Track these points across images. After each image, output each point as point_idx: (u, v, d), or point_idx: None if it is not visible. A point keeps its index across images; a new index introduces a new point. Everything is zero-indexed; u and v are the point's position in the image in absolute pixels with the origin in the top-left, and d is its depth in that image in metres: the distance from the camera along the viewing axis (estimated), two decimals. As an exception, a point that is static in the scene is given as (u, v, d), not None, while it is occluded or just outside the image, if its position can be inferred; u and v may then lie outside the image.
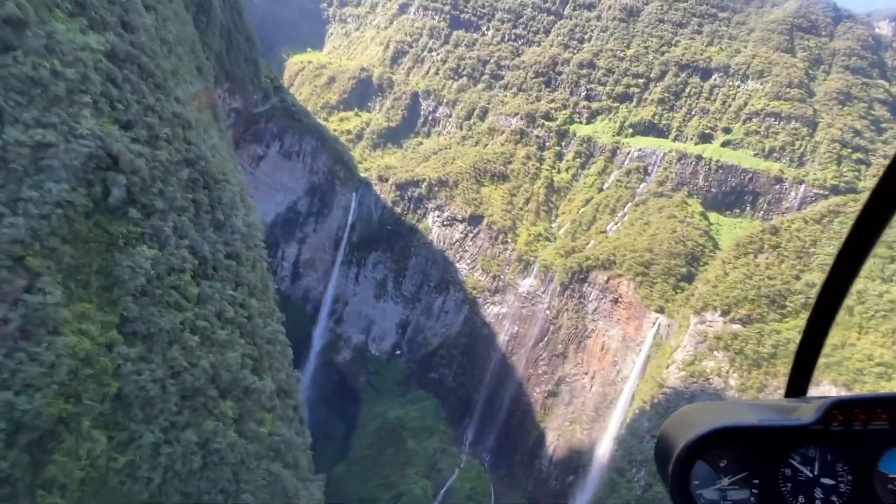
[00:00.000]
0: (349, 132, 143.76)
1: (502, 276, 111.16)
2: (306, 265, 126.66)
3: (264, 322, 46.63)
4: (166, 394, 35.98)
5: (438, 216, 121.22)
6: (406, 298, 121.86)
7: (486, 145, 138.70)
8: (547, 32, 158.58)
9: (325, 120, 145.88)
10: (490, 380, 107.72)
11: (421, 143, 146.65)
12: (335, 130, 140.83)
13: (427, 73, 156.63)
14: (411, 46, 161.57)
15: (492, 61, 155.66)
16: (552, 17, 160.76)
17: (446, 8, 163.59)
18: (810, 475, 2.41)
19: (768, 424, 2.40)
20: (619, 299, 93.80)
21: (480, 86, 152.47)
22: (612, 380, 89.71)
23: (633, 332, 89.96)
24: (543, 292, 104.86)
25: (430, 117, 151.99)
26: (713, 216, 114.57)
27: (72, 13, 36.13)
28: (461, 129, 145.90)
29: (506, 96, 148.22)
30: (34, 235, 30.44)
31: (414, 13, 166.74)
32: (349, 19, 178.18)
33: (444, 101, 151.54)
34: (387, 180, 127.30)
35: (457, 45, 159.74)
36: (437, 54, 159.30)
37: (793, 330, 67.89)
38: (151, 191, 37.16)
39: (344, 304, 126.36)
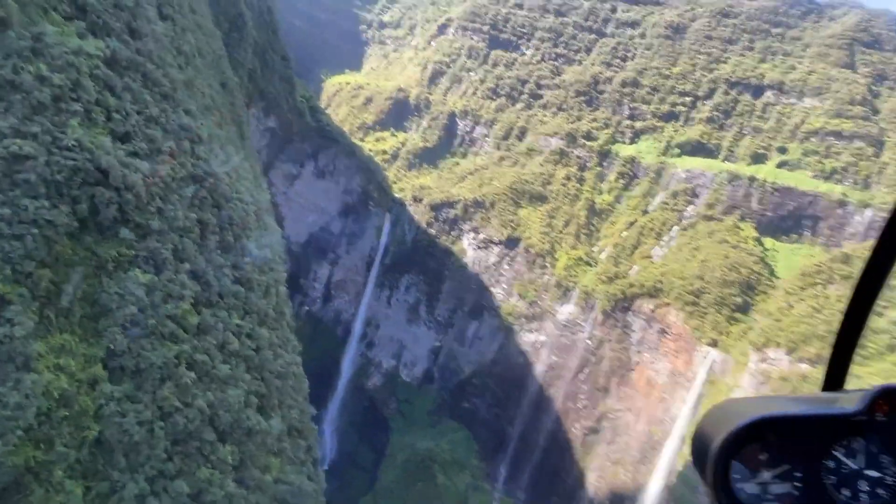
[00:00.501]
0: (385, 152, 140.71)
1: (540, 303, 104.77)
2: (338, 287, 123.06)
3: (275, 354, 42.03)
4: (154, 438, 31.46)
5: (474, 238, 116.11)
6: (439, 323, 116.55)
7: (524, 165, 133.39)
8: (588, 51, 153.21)
9: (361, 140, 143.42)
10: (526, 412, 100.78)
11: (457, 164, 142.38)
12: (370, 151, 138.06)
13: (465, 92, 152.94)
14: (449, 66, 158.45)
15: (531, 80, 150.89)
16: (594, 36, 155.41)
17: (485, 28, 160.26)
18: (855, 467, 2.30)
19: (811, 414, 2.29)
20: (667, 330, 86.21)
21: (519, 105, 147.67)
22: (659, 418, 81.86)
23: (682, 366, 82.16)
24: (584, 320, 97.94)
25: (466, 137, 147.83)
26: (769, 241, 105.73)
27: (70, 16, 32.97)
28: (498, 149, 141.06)
29: (545, 116, 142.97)
30: (4, 258, 26.58)
31: (453, 34, 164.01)
32: (388, 41, 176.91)
33: (482, 120, 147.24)
34: (421, 201, 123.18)
35: (495, 65, 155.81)
36: (476, 74, 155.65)
37: (876, 375, 59.62)
38: (148, 209, 33.25)
39: (375, 328, 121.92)
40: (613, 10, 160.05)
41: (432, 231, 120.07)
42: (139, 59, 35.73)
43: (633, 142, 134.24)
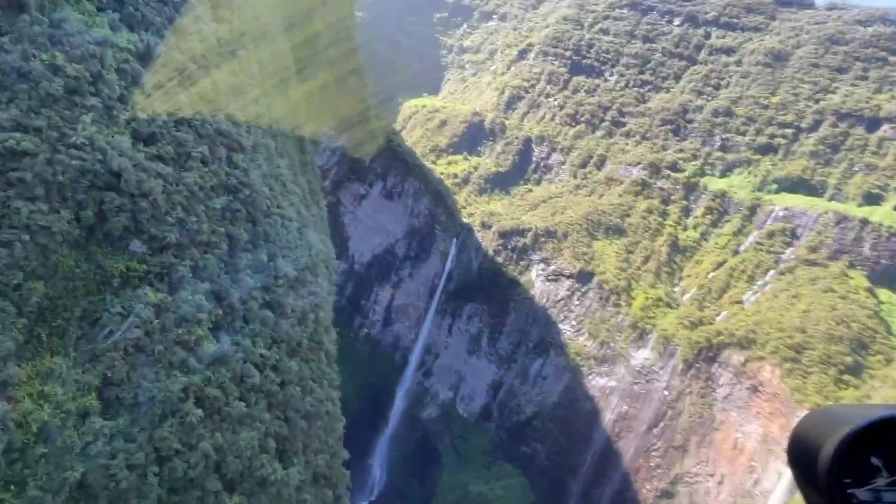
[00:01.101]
0: (456, 176, 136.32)
1: (612, 344, 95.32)
2: (399, 311, 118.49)
3: (304, 390, 36.87)
4: (146, 485, 26.69)
5: (543, 270, 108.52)
6: (501, 357, 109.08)
7: (601, 195, 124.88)
8: (678, 78, 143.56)
9: (433, 163, 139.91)
10: (590, 464, 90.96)
11: (530, 191, 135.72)
12: (442, 174, 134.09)
13: (542, 118, 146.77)
14: (528, 92, 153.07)
15: (613, 108, 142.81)
16: (684, 63, 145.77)
17: (567, 53, 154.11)
18: None
19: None
20: (760, 388, 74.81)
21: (599, 133, 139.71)
22: (746, 490, 70.36)
23: (777, 431, 70.53)
24: (661, 368, 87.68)
25: (541, 164, 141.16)
26: (884, 293, 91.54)
27: (104, 7, 30.06)
28: (575, 177, 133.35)
29: (627, 144, 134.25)
30: (-14, 267, 22.87)
31: (533, 59, 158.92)
32: (467, 66, 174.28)
33: (559, 147, 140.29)
34: (490, 227, 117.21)
35: (576, 91, 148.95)
36: (555, 100, 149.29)
37: None
38: (166, 220, 29.20)
39: (434, 357, 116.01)
40: (707, 37, 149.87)
41: (500, 259, 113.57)
42: (178, 57, 32.45)
43: (724, 175, 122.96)
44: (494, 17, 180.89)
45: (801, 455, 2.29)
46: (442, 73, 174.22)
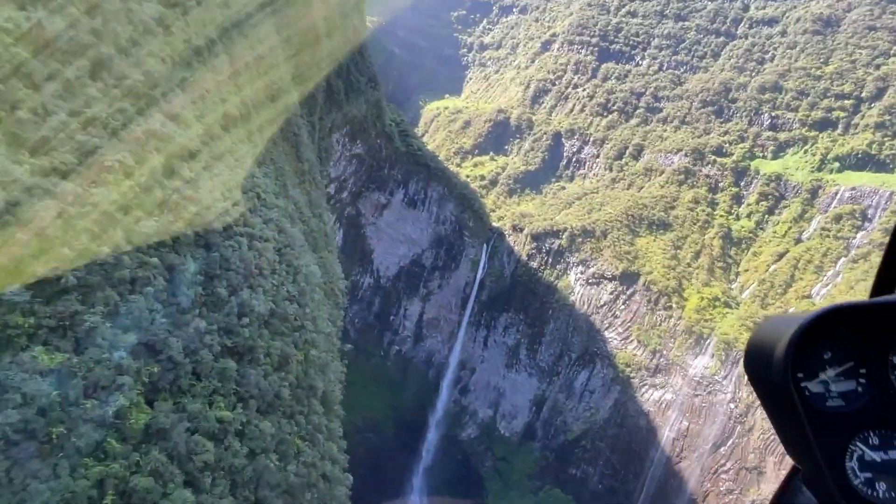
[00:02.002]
0: (483, 178, 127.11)
1: (665, 352, 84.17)
2: (430, 325, 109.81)
3: (285, 456, 28.42)
4: None
5: (582, 273, 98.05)
6: (542, 370, 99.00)
7: (641, 188, 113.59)
8: (716, 56, 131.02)
9: (458, 166, 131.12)
10: (649, 489, 79.88)
11: (563, 188, 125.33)
12: (468, 176, 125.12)
13: (571, 110, 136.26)
14: (554, 84, 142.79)
15: (647, 93, 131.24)
16: (722, 39, 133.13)
17: (594, 40, 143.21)
18: None
19: (883, 301, 2.19)
20: (848, 399, 62.85)
21: (634, 121, 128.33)
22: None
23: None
24: (724, 377, 76.17)
25: (573, 158, 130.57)
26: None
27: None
28: (611, 170, 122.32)
29: (665, 131, 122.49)
30: None
31: (558, 49, 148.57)
32: (489, 63, 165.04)
33: (591, 139, 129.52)
34: (522, 230, 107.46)
35: (606, 79, 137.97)
36: (584, 90, 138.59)
37: None
38: (63, 253, 21.24)
39: (471, 372, 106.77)
40: (745, 9, 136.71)
41: (534, 264, 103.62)
42: (87, 41, 24.73)
43: (777, 156, 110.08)
44: (514, 10, 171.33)
45: (755, 359, 2.27)
46: (463, 72, 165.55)
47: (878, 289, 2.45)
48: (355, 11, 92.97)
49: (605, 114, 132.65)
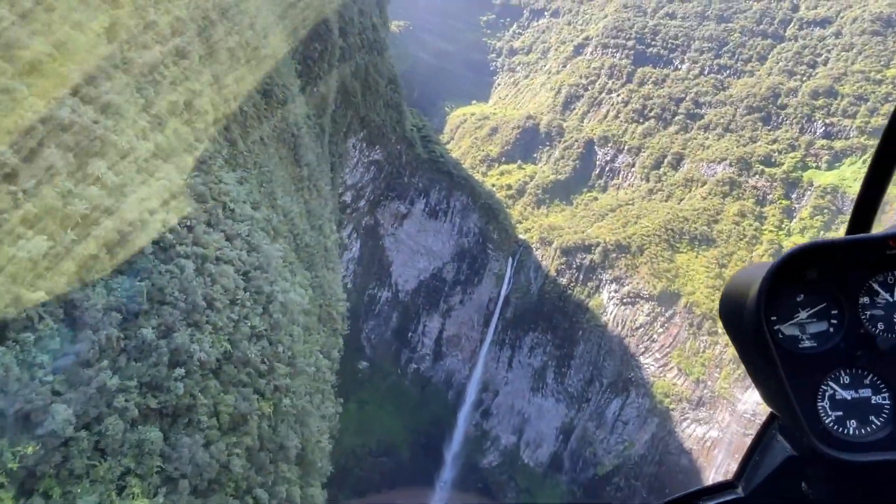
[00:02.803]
0: (509, 187, 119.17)
1: (710, 383, 74.64)
2: (450, 343, 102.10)
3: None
4: None
5: (616, 291, 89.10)
6: (570, 396, 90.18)
7: (681, 200, 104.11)
8: (762, 59, 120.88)
9: (484, 174, 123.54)
10: (691, 537, 70.46)
11: (595, 199, 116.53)
12: (493, 186, 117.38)
13: (605, 116, 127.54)
14: (586, 89, 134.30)
15: (688, 98, 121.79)
16: (769, 41, 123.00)
17: (629, 43, 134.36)
18: (891, 300, 2.27)
19: (852, 239, 2.19)
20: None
21: (672, 128, 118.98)
22: None
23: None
24: (779, 415, 66.46)
25: (607, 167, 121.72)
26: None
27: None
28: (647, 180, 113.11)
29: (707, 139, 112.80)
30: None
31: (591, 53, 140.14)
32: (518, 68, 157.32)
33: (626, 147, 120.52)
34: (551, 244, 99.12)
35: (642, 84, 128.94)
36: (618, 95, 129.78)
37: None
38: None
39: (493, 395, 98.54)
40: (794, 9, 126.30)
41: (563, 280, 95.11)
42: None
43: (832, 167, 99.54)
44: (546, 13, 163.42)
45: (730, 304, 2.27)
46: (491, 77, 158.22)
47: (852, 229, 2.36)
48: (374, 9, 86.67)
49: (641, 120, 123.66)
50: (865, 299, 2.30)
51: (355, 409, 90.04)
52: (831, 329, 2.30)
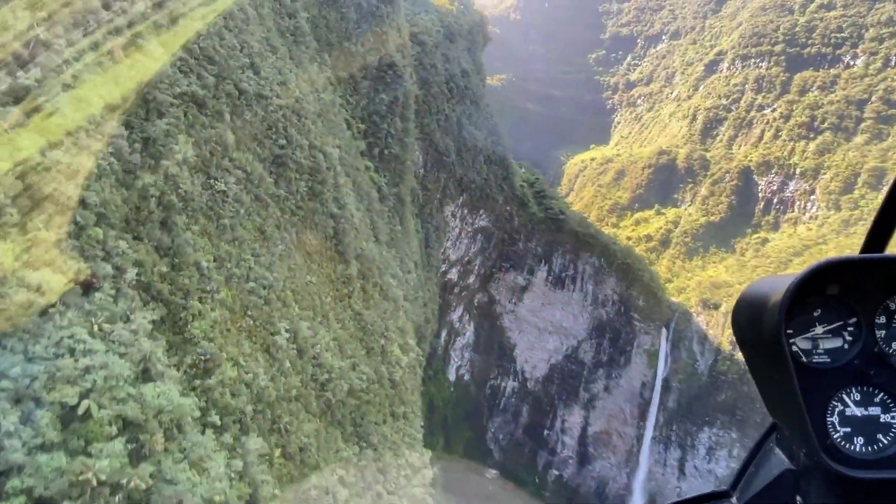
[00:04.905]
0: (649, 238, 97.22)
1: None
2: (598, 442, 79.93)
3: None
4: None
5: (829, 368, 62.79)
6: (780, 520, 63.42)
7: (899, 229, 75.43)
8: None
9: (616, 227, 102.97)
10: None
11: (765, 241, 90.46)
12: (629, 239, 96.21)
13: (760, 138, 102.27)
14: (729, 110, 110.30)
15: (874, 98, 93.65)
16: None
17: (777, 48, 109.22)
18: None
19: (873, 257, 2.21)
20: None
21: (860, 138, 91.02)
22: None
23: None
24: None
25: (774, 199, 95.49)
26: None
27: None
28: (838, 208, 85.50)
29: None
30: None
31: (727, 69, 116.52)
32: (639, 101, 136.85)
33: (797, 171, 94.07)
34: (717, 306, 75.26)
35: (804, 91, 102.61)
36: (773, 110, 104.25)
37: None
38: None
39: (664, 511, 73.97)
40: None
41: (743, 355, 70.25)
42: None
43: None
44: (664, 37, 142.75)
45: (745, 314, 2.24)
46: (609, 117, 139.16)
47: (867, 248, 2.34)
48: (463, 53, 73.36)
49: (811, 135, 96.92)
50: (882, 318, 2.27)
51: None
52: (846, 346, 2.25)
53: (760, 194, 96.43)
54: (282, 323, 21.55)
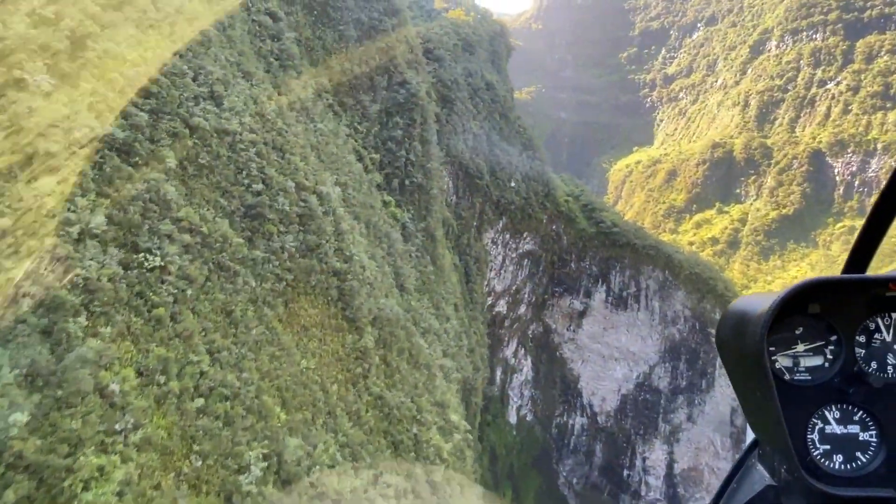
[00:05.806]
0: (715, 241, 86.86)
1: None
2: (688, 481, 69.34)
3: None
4: None
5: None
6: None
7: None
8: None
9: (674, 232, 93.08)
10: None
11: (852, 229, 78.74)
12: (691, 244, 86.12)
13: (828, 116, 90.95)
14: (786, 90, 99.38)
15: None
16: None
17: (831, 17, 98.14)
18: (886, 340, 2.27)
19: (859, 278, 2.21)
20: None
21: (951, 101, 78.86)
22: None
23: None
24: None
25: (855, 181, 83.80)
26: None
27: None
28: (938, 183, 73.13)
29: None
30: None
31: (777, 47, 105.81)
32: (681, 94, 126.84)
33: (878, 146, 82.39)
34: (810, 312, 64.50)
35: (871, 58, 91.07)
36: (838, 83, 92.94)
37: None
38: None
39: (778, 557, 62.47)
40: None
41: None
42: None
43: None
44: (699, 25, 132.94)
45: (729, 330, 2.26)
46: (649, 116, 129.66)
47: (849, 269, 2.35)
48: (486, 65, 66.73)
49: (888, 105, 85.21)
50: (861, 338, 2.27)
51: None
52: (826, 364, 2.26)
53: (838, 178, 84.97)
54: (255, 449, 14.80)
